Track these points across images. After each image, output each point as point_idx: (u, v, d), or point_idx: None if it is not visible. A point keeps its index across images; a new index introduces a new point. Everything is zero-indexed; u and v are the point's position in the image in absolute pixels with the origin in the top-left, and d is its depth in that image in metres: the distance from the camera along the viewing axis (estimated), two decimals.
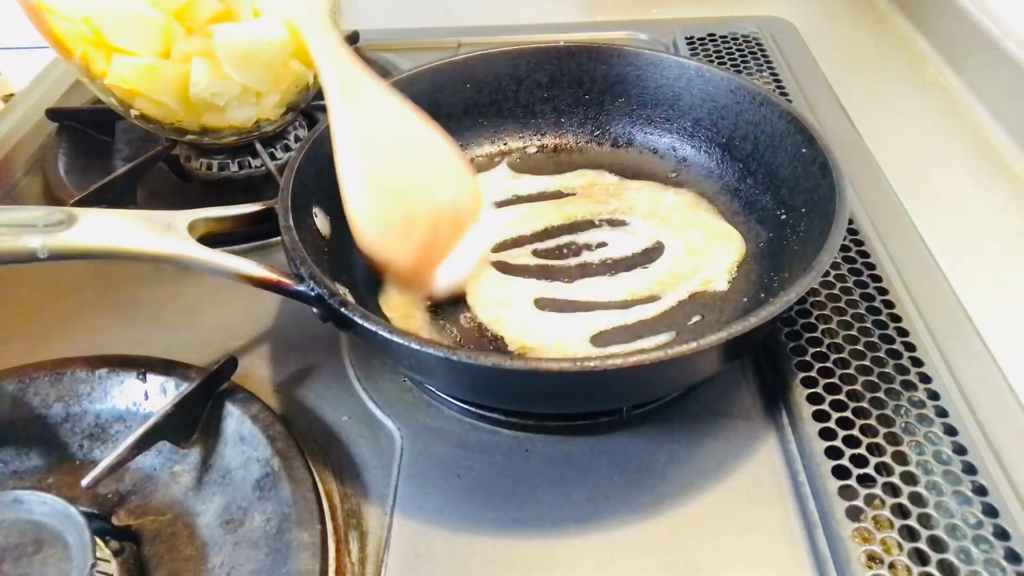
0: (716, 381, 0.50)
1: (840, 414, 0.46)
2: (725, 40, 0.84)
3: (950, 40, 0.80)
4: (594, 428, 0.48)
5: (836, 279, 0.54)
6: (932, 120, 0.74)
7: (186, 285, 0.59)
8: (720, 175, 0.61)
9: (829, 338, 0.50)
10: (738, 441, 0.47)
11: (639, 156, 0.64)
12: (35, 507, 0.37)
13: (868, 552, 0.39)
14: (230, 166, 0.69)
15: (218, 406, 0.46)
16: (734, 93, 0.58)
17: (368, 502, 0.45)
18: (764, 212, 0.56)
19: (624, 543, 0.42)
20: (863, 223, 0.60)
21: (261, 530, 0.42)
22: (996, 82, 0.72)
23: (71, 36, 0.58)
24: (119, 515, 0.44)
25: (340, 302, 0.41)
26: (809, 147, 0.51)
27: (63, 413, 0.47)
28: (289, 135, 0.71)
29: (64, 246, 0.43)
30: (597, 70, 0.63)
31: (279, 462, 0.43)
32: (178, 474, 0.46)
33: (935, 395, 0.46)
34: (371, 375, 0.51)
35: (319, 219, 0.53)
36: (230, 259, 0.45)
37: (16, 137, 0.76)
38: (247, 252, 0.60)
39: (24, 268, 0.59)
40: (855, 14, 0.93)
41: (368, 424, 0.49)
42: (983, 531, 0.40)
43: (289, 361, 0.53)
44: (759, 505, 0.43)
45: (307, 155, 0.52)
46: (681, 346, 0.38)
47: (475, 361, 0.38)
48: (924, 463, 0.43)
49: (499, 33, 0.87)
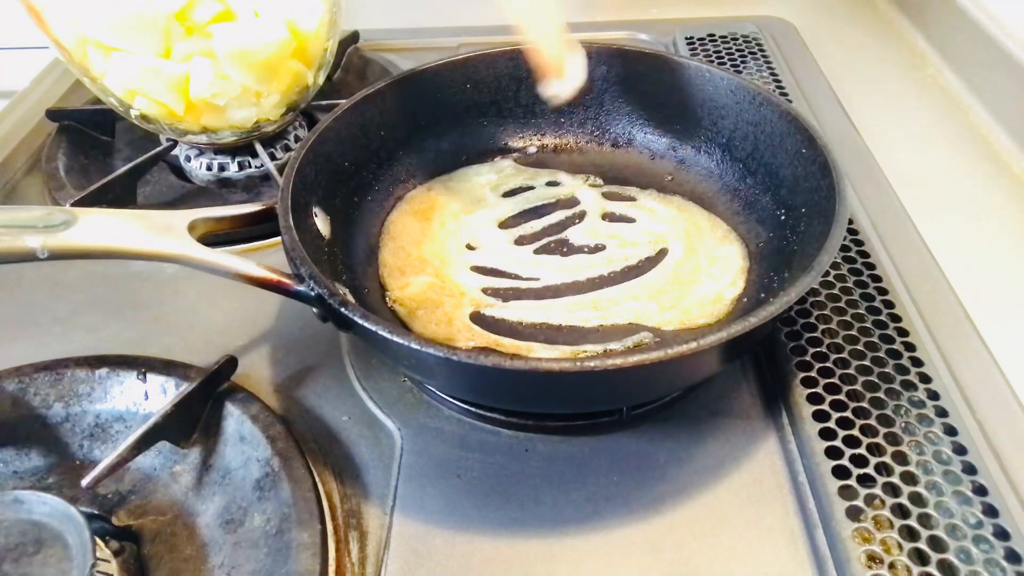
0: (716, 381, 0.50)
1: (840, 414, 0.46)
2: (725, 40, 0.84)
3: (950, 40, 0.80)
4: (594, 428, 0.48)
5: (836, 279, 0.54)
6: (932, 120, 0.74)
7: (186, 285, 0.59)
8: (720, 175, 0.61)
9: (829, 338, 0.50)
10: (738, 441, 0.47)
11: (639, 156, 0.64)
12: (35, 507, 0.37)
13: (868, 552, 0.39)
14: (230, 166, 0.69)
15: (218, 406, 0.46)
16: (734, 93, 0.58)
17: (368, 502, 0.45)
18: (764, 212, 0.56)
19: (624, 543, 0.42)
20: (863, 223, 0.60)
21: (261, 530, 0.42)
22: (996, 82, 0.72)
23: (70, 37, 0.58)
24: (119, 515, 0.44)
25: (340, 302, 0.41)
26: (809, 147, 0.51)
27: (63, 413, 0.47)
28: (289, 135, 0.71)
29: (64, 246, 0.43)
30: (597, 70, 0.63)
31: (279, 462, 0.43)
32: (178, 474, 0.46)
33: (935, 395, 0.46)
34: (371, 375, 0.51)
35: (319, 219, 0.53)
36: (230, 259, 0.45)
37: (16, 137, 0.76)
38: (247, 252, 0.60)
39: (24, 268, 0.60)
40: (855, 14, 0.93)
41: (368, 424, 0.49)
42: (983, 531, 0.40)
43: (289, 361, 0.53)
44: (759, 505, 0.43)
45: (307, 155, 0.52)
46: (681, 346, 0.38)
47: (475, 361, 0.38)
48: (924, 463, 0.43)
49: (499, 33, 0.87)
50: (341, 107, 0.57)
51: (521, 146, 0.66)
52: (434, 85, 0.62)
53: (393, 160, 0.61)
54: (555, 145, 0.66)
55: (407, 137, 0.62)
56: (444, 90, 0.63)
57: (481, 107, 0.65)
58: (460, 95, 0.64)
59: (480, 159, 0.65)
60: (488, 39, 0.85)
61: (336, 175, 0.56)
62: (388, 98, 0.60)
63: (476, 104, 0.65)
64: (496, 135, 0.66)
